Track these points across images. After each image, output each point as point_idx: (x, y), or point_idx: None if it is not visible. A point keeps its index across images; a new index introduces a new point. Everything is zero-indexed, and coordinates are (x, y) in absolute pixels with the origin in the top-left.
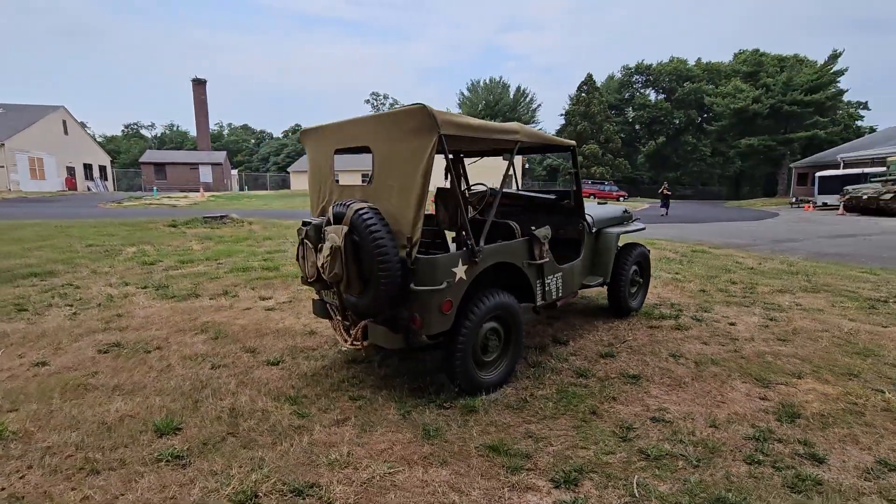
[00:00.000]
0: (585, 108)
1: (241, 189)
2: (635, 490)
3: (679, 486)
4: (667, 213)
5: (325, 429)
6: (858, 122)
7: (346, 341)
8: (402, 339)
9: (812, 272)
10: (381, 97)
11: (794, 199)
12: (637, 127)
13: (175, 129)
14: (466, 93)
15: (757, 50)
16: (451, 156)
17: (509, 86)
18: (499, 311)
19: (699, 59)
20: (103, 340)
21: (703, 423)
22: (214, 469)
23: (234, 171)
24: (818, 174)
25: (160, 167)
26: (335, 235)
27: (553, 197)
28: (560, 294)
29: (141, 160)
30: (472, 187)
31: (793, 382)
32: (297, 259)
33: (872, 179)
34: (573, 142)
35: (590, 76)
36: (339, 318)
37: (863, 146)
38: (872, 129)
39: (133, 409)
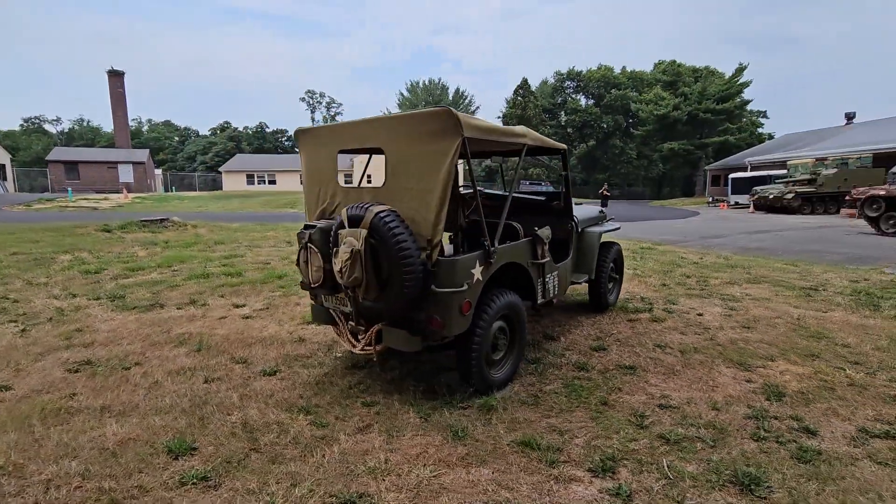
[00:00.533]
0: (522, 112)
1: (168, 190)
2: (668, 473)
3: (704, 466)
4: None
5: (350, 437)
6: (760, 130)
7: (354, 346)
8: (420, 342)
9: (748, 265)
10: (318, 96)
11: (710, 199)
12: (570, 130)
13: (85, 124)
14: (406, 93)
15: (674, 61)
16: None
17: (448, 87)
18: (507, 311)
19: (624, 67)
20: (70, 358)
21: (705, 407)
22: (250, 487)
23: (158, 171)
24: (730, 176)
25: (72, 166)
26: (353, 239)
27: (543, 199)
28: (556, 292)
29: (48, 158)
30: (460, 188)
31: (768, 365)
32: (298, 264)
33: (777, 181)
34: (564, 145)
35: (525, 81)
36: (348, 324)
37: (765, 151)
38: (771, 136)
39: (132, 431)
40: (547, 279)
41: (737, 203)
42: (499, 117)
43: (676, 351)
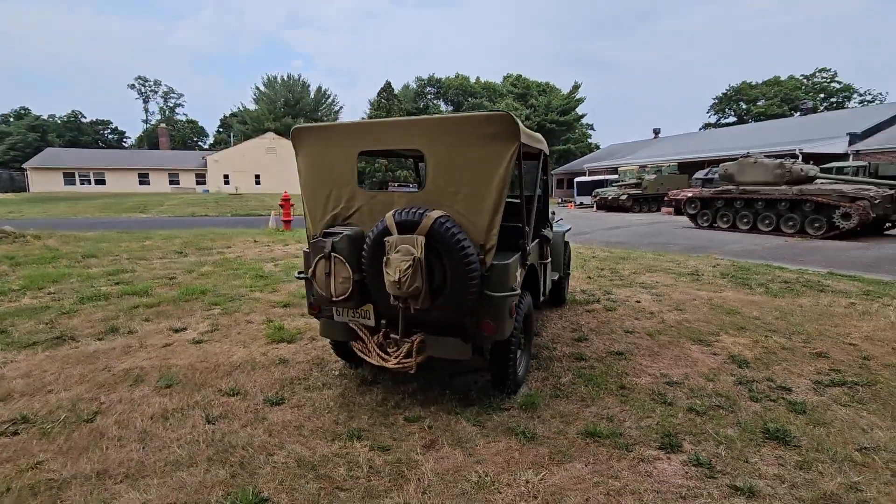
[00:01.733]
0: (387, 115)
1: None
2: (720, 439)
3: (738, 429)
4: None
5: (425, 456)
6: (590, 140)
7: (386, 361)
8: (471, 349)
9: (636, 257)
10: (152, 84)
11: (560, 200)
12: None
13: None
14: (263, 88)
15: (521, 75)
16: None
17: (309, 85)
18: (527, 310)
19: (478, 77)
20: None
21: (702, 380)
22: None
23: None
24: (576, 180)
25: None
26: (409, 246)
27: (518, 201)
28: (549, 289)
29: None
30: None
31: (719, 340)
32: (312, 277)
33: (613, 184)
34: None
35: (388, 84)
36: (374, 337)
37: (598, 158)
38: (598, 146)
39: (167, 496)
40: (546, 278)
41: (581, 203)
42: (362, 118)
43: (644, 335)
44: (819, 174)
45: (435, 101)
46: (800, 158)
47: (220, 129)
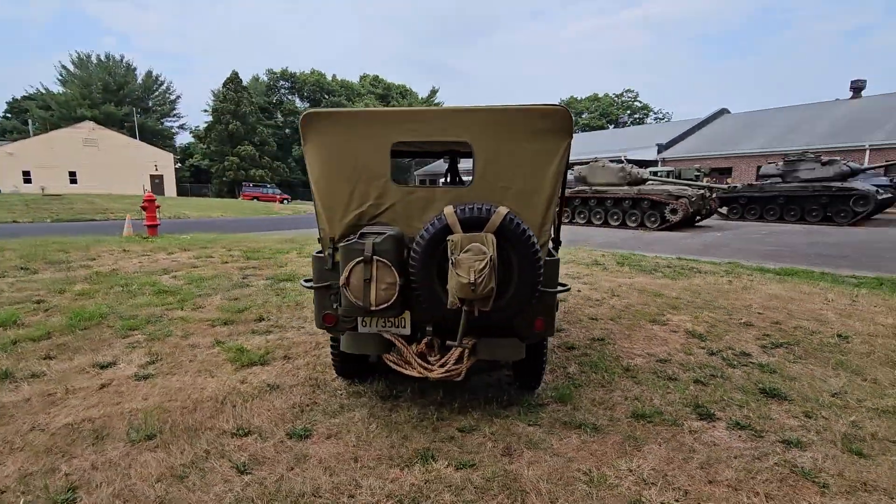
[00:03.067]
0: (235, 107)
1: None
2: (738, 403)
3: (742, 393)
4: None
5: (515, 464)
6: None
7: (430, 371)
8: (525, 348)
9: None
10: None
11: None
12: (288, 131)
13: None
14: (72, 68)
15: (378, 76)
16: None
17: (136, 68)
18: None
19: (334, 75)
20: None
21: (683, 355)
22: None
23: None
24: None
25: None
26: (480, 245)
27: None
28: None
29: None
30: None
31: (667, 319)
32: (345, 285)
33: None
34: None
35: (236, 74)
36: (414, 346)
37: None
38: None
39: None
40: None
41: None
42: (205, 111)
43: (608, 320)
44: (649, 177)
45: (289, 97)
46: (625, 163)
47: (9, 115)
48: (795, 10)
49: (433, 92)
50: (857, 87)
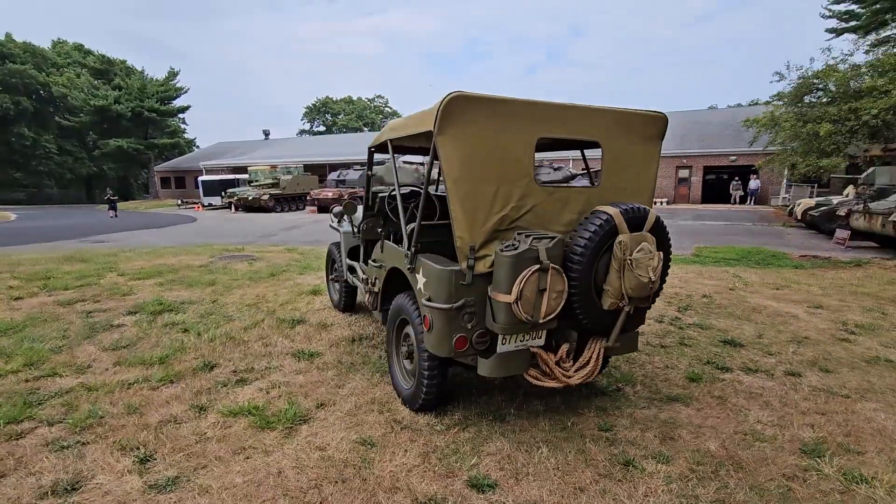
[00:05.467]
0: None
1: None
2: (759, 355)
3: (717, 348)
4: (115, 216)
5: (646, 463)
6: (186, 135)
7: (569, 377)
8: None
9: None
10: None
11: (180, 202)
12: None
13: None
14: None
15: (82, 45)
16: None
17: None
18: None
19: (10, 34)
20: None
21: (660, 330)
22: None
23: None
24: (201, 179)
25: None
26: (647, 244)
27: None
28: None
29: None
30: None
31: None
32: (518, 299)
33: (251, 184)
34: None
35: None
36: (551, 355)
37: (211, 156)
38: (194, 143)
39: None
40: None
41: (210, 205)
42: None
43: None
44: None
45: None
46: (418, 164)
47: None
48: (494, 44)
49: (173, 73)
50: None
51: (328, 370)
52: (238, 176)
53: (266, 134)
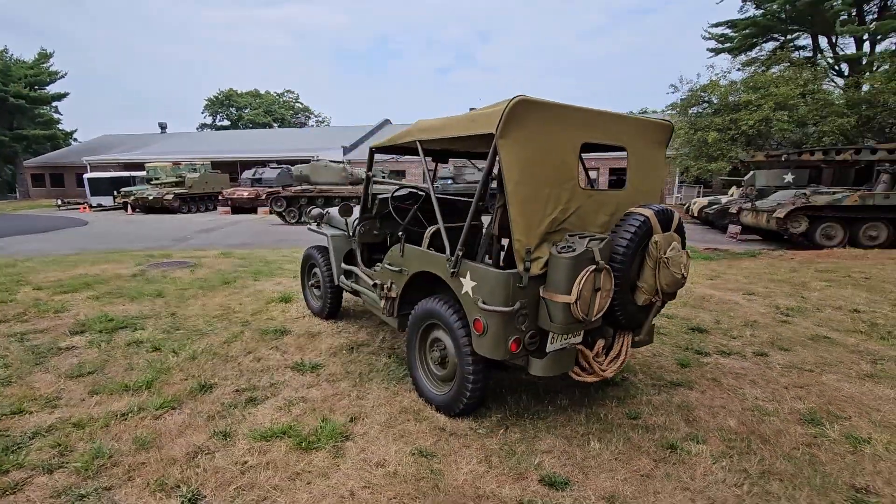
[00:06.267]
0: None
1: None
2: (702, 340)
3: (688, 334)
4: None
5: (684, 446)
6: (61, 126)
7: (604, 371)
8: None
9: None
10: None
11: (59, 202)
12: None
13: None
14: None
15: None
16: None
17: None
18: None
19: None
20: None
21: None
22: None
23: None
24: (87, 176)
25: None
26: (676, 243)
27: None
28: None
29: None
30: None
31: None
32: (577, 299)
33: (150, 182)
34: None
35: None
36: (589, 351)
37: (94, 150)
38: (72, 135)
39: None
40: None
41: (100, 205)
42: None
43: None
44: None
45: None
46: (345, 163)
47: None
48: (405, 43)
49: (45, 56)
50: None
51: (339, 382)
52: (133, 173)
53: (163, 127)
